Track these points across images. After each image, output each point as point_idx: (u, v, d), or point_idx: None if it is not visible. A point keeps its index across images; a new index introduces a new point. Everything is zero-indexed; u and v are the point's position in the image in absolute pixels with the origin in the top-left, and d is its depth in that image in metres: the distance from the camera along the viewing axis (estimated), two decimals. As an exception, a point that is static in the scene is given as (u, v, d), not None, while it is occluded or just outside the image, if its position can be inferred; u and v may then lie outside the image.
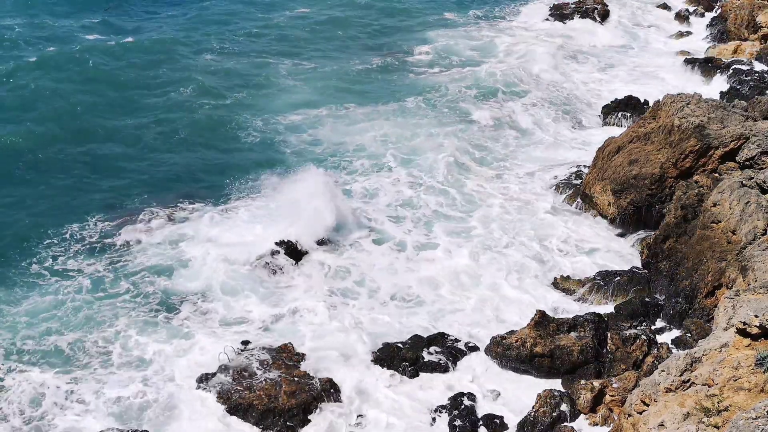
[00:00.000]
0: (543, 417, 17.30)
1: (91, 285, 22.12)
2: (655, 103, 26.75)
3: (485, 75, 38.81)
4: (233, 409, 17.57)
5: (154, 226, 25.14)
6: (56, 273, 22.62)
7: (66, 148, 29.91)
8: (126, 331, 20.30)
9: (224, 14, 48.37)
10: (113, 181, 27.99)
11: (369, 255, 24.08)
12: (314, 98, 35.96)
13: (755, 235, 19.27)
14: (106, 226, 25.14)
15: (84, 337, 20.09)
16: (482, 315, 21.55)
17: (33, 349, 19.57)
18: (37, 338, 19.93)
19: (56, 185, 27.48)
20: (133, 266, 23.12)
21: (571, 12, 50.18)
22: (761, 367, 12.82)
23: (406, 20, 49.16)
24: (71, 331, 20.27)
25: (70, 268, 22.90)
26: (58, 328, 20.36)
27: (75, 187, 27.43)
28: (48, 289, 21.81)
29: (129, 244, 24.28)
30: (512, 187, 28.39)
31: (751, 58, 39.49)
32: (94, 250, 23.85)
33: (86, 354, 19.54)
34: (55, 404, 17.87)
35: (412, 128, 32.72)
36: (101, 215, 25.69)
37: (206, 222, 25.29)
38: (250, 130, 32.42)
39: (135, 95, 35.32)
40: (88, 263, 23.13)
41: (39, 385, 18.31)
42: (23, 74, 35.56)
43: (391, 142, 31.44)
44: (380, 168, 29.66)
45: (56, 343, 19.80)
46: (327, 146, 31.23)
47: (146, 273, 22.77)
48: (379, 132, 32.09)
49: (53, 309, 21.05)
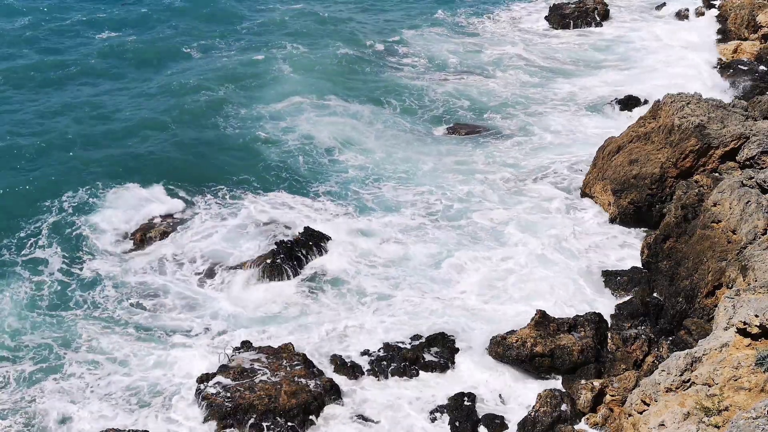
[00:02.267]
0: (543, 417, 17.30)
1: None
2: (655, 103, 26.75)
3: (466, 86, 38.46)
4: (233, 409, 17.57)
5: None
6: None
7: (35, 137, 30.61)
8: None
9: (211, 12, 48.98)
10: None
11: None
12: (298, 90, 36.57)
13: (755, 234, 19.26)
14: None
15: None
16: (482, 314, 21.56)
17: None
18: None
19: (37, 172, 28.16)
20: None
21: (572, 12, 50.09)
22: (761, 366, 12.81)
23: (395, 18, 49.40)
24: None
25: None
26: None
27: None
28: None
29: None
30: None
31: (752, 57, 39.47)
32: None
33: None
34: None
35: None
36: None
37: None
38: (230, 119, 33.24)
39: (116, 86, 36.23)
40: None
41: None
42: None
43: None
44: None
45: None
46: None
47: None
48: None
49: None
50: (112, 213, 25.85)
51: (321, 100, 35.64)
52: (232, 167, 29.31)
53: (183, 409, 17.95)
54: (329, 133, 32.07)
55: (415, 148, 31.40)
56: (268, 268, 22.92)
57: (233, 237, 24.75)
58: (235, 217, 25.82)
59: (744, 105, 26.44)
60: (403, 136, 32.53)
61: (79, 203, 26.23)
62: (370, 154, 30.69)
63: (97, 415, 17.77)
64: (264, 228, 25.20)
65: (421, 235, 25.28)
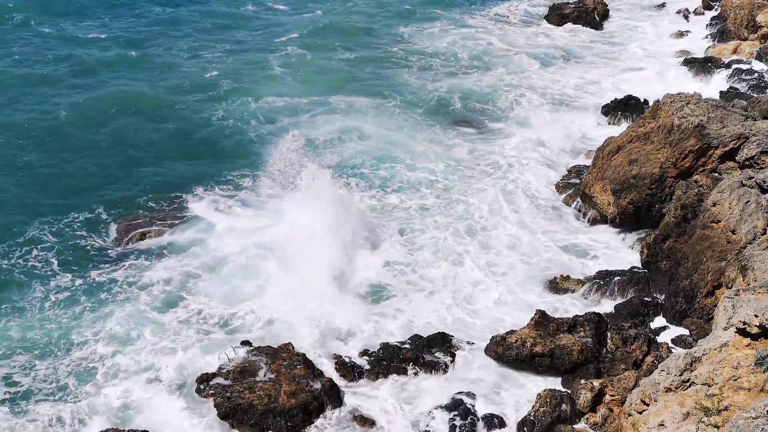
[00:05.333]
0: (543, 417, 17.31)
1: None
2: (654, 103, 26.75)
3: (472, 83, 38.64)
4: (233, 409, 17.57)
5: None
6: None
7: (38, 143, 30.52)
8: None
9: (205, 11, 49.13)
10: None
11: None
12: (299, 89, 36.76)
13: (755, 234, 19.27)
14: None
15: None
16: (482, 314, 21.56)
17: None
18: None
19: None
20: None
21: (571, 12, 50.12)
22: (761, 366, 12.82)
23: (397, 17, 49.47)
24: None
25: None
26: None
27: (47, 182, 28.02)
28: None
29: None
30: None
31: (751, 57, 39.49)
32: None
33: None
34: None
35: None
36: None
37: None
38: (230, 119, 33.35)
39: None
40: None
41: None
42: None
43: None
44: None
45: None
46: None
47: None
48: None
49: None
50: (112, 213, 25.85)
51: (321, 100, 35.68)
52: (231, 167, 29.28)
53: (183, 409, 17.93)
54: (329, 132, 32.06)
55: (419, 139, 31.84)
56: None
57: (233, 237, 24.74)
58: (234, 217, 25.80)
59: (744, 105, 26.45)
60: (407, 130, 32.87)
61: (73, 205, 26.14)
62: (372, 152, 30.82)
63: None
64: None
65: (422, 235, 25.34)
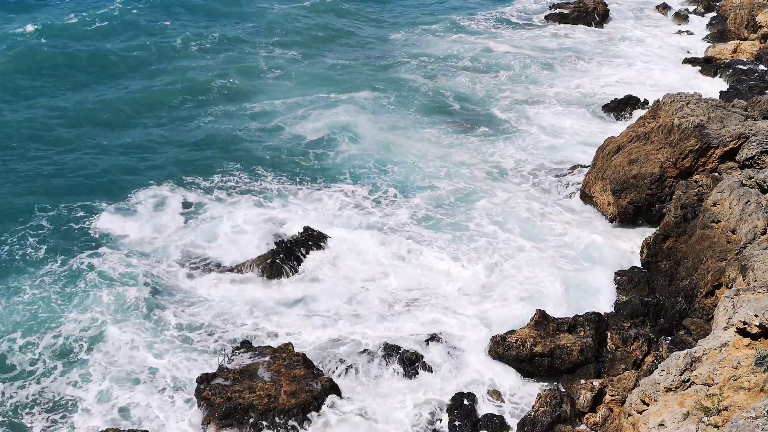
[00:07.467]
0: (543, 416, 17.30)
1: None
2: (654, 103, 26.75)
3: (472, 83, 38.70)
4: (233, 409, 17.57)
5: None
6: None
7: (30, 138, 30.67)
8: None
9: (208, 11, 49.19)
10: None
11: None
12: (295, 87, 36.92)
13: (755, 234, 19.27)
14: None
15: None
16: (482, 314, 21.56)
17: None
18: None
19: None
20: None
21: (571, 12, 50.13)
22: (761, 366, 12.82)
23: (395, 18, 49.56)
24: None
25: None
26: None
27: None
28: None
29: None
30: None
31: (751, 57, 39.50)
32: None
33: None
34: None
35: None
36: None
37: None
38: (229, 119, 33.50)
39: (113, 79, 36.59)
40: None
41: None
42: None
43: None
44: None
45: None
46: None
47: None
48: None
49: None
50: (112, 213, 25.89)
51: (319, 99, 35.74)
52: (230, 167, 29.32)
53: (182, 409, 17.93)
54: (328, 132, 32.11)
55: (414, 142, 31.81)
56: (268, 268, 22.95)
57: (232, 237, 24.73)
58: (234, 217, 25.81)
59: (743, 105, 26.46)
60: (403, 133, 32.82)
61: (76, 206, 26.20)
62: (368, 151, 30.86)
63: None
64: (263, 227, 25.18)
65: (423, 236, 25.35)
